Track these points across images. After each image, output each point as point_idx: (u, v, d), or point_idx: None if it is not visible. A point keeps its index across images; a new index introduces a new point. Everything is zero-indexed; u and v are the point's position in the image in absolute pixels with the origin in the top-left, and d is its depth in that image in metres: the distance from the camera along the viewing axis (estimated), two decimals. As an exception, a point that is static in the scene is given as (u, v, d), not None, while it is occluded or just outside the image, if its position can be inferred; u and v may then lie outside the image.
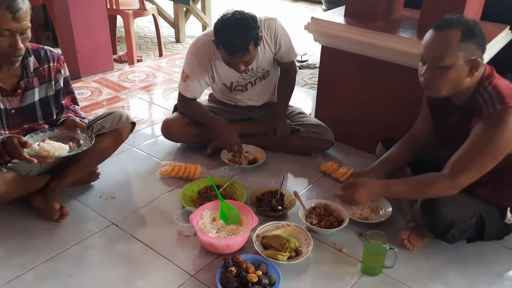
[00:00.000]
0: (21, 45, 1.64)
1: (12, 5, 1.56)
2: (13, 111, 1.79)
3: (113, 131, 1.98)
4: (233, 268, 1.61)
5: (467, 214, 1.70)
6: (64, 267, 1.71)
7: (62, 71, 1.90)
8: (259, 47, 2.22)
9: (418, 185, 1.65)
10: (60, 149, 1.72)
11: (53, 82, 1.88)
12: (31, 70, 1.80)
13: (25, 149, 1.65)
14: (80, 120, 1.89)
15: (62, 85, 1.92)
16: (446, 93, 1.63)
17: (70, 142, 1.79)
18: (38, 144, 1.72)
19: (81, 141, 1.80)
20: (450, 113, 1.76)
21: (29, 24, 1.64)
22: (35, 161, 1.67)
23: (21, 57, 1.71)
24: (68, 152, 1.74)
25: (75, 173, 1.98)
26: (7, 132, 1.79)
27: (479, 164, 1.56)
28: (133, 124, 2.07)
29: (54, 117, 1.92)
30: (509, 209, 1.78)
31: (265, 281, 1.58)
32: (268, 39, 2.27)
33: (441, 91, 1.63)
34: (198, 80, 2.31)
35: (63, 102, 1.95)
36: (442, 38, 1.57)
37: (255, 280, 1.57)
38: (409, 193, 1.64)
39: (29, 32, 1.66)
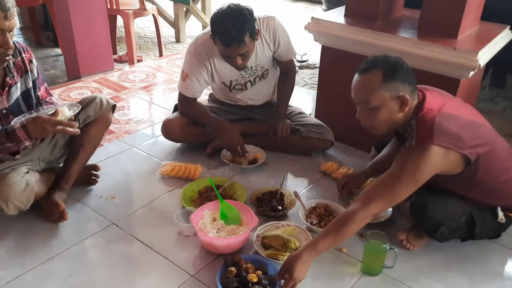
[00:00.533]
0: (12, 44, 1.64)
1: (3, 4, 1.56)
2: (4, 111, 1.78)
3: (99, 118, 2.02)
4: (233, 268, 1.61)
5: (456, 213, 1.72)
6: (64, 267, 1.71)
7: (33, 60, 1.90)
8: (257, 45, 2.22)
9: (337, 229, 1.59)
10: (67, 111, 1.74)
11: (29, 72, 1.86)
12: (12, 65, 1.79)
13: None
14: None
15: (36, 75, 1.90)
16: (385, 129, 1.68)
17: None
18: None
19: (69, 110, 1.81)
20: (399, 139, 1.82)
21: (16, 22, 1.64)
22: (76, 124, 1.73)
23: (10, 56, 1.70)
24: (74, 111, 1.77)
25: (77, 168, 2.00)
26: None
27: (391, 193, 1.58)
28: (114, 106, 2.09)
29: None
30: (499, 208, 1.77)
31: (265, 281, 1.59)
32: (267, 37, 2.27)
33: (378, 129, 1.67)
34: (197, 79, 2.30)
35: (39, 93, 1.94)
36: (365, 81, 1.61)
37: (255, 280, 1.57)
38: (334, 240, 1.60)
39: (14, 30, 1.65)
